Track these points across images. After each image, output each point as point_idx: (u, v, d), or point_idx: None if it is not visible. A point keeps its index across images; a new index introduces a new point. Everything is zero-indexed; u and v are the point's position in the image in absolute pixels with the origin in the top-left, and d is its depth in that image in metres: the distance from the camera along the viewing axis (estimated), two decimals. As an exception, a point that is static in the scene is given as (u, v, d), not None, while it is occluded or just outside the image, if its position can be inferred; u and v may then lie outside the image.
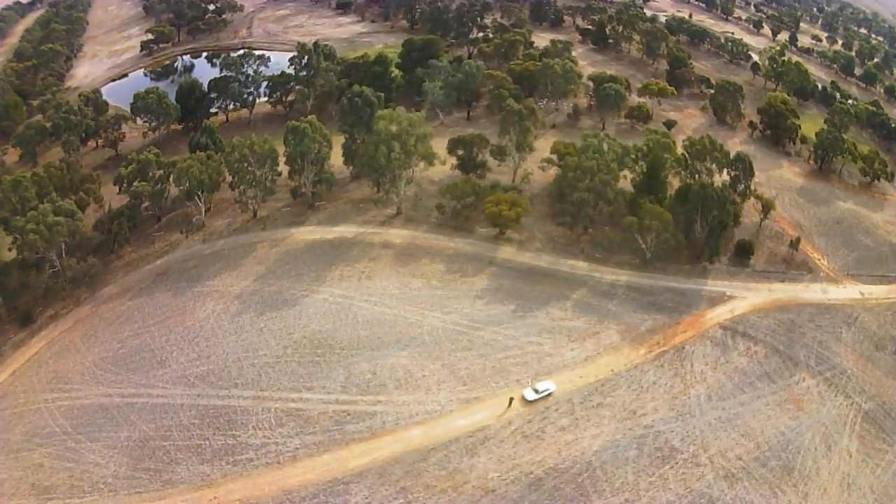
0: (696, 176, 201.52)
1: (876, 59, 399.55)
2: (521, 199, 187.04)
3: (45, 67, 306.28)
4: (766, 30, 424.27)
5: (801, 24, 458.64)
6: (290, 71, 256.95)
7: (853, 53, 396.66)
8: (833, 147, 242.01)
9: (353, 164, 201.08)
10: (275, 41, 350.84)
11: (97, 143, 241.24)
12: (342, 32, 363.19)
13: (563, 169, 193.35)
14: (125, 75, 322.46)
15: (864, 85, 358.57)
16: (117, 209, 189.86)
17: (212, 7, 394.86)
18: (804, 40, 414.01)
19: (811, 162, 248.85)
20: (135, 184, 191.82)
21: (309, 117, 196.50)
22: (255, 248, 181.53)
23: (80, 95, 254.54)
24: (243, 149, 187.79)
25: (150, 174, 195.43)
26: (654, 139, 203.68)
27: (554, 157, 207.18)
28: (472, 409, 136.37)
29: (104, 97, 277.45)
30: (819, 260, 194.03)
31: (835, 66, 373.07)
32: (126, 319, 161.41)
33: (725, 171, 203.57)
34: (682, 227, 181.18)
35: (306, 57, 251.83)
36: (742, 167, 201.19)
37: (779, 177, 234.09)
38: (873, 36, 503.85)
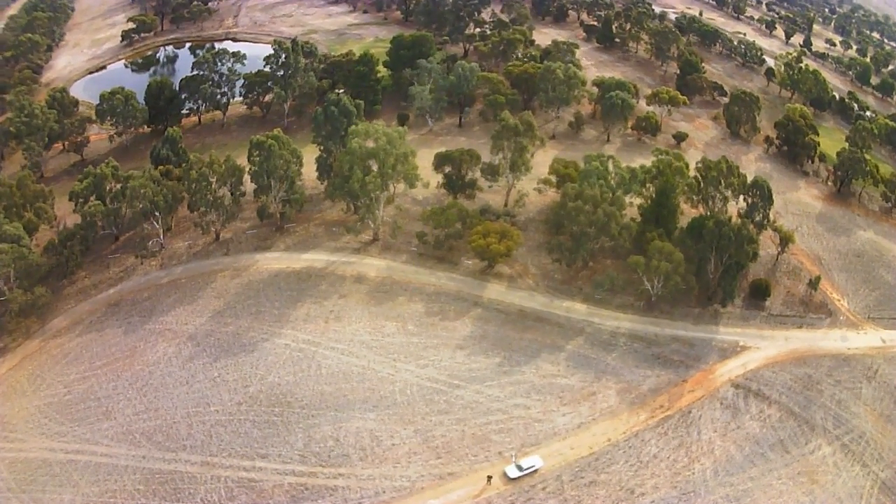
0: (710, 202, 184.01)
1: (891, 67, 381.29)
2: (512, 230, 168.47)
3: (24, 58, 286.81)
4: (779, 31, 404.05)
5: (814, 25, 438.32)
6: (268, 69, 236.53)
7: (868, 60, 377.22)
8: (855, 169, 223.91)
9: (327, 183, 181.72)
10: (261, 32, 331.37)
11: (64, 145, 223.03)
12: (332, 24, 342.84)
13: (561, 196, 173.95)
14: (104, 67, 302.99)
15: (880, 95, 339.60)
16: (69, 231, 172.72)
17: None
18: (818, 44, 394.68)
19: (830, 183, 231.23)
20: (89, 203, 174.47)
21: (275, 131, 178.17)
22: (215, 277, 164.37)
23: (48, 94, 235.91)
24: (202, 167, 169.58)
25: (108, 189, 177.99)
26: (664, 161, 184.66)
27: (552, 178, 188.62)
28: (447, 487, 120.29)
29: (81, 91, 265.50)
30: (838, 301, 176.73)
31: (850, 73, 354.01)
32: (74, 359, 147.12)
33: (742, 197, 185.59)
34: (693, 266, 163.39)
35: (284, 55, 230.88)
36: (761, 194, 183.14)
37: (796, 200, 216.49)
38: (885, 41, 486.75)
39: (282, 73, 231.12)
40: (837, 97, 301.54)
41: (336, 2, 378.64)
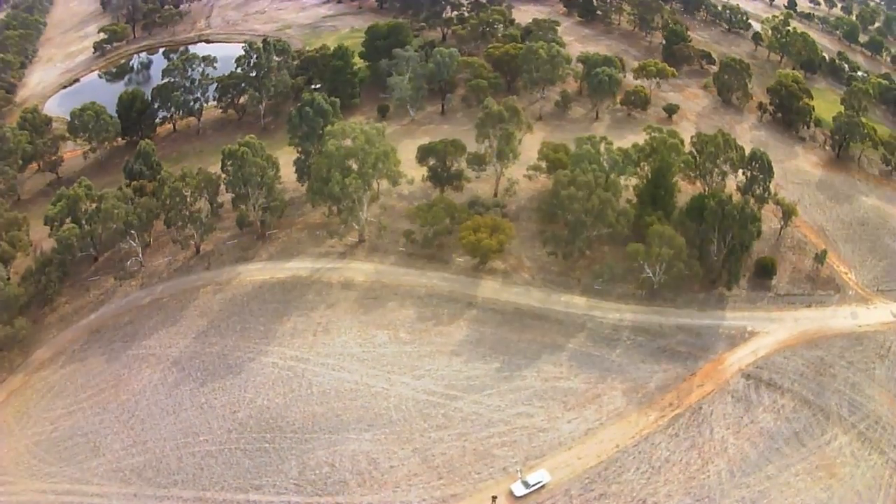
0: (708, 178, 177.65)
1: (877, 24, 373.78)
2: (503, 223, 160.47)
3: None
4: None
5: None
6: (240, 71, 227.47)
7: (854, 18, 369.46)
8: (852, 132, 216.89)
9: (307, 186, 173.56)
10: (234, 31, 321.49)
11: (39, 165, 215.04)
12: (306, 17, 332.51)
13: (553, 183, 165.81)
14: (77, 80, 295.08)
15: (869, 53, 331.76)
16: (47, 257, 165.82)
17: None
18: (802, 4, 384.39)
19: (827, 148, 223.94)
20: (64, 226, 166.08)
21: (247, 138, 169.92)
22: (198, 294, 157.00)
23: (20, 115, 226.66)
24: (175, 181, 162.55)
25: (83, 209, 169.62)
26: (658, 139, 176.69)
27: (542, 163, 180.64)
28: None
29: (56, 106, 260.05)
30: (846, 274, 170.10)
31: (838, 32, 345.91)
32: (58, 392, 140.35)
33: (741, 171, 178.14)
34: (695, 249, 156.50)
35: (255, 55, 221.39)
36: (760, 167, 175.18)
37: (795, 168, 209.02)
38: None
39: (254, 73, 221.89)
40: (827, 58, 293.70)
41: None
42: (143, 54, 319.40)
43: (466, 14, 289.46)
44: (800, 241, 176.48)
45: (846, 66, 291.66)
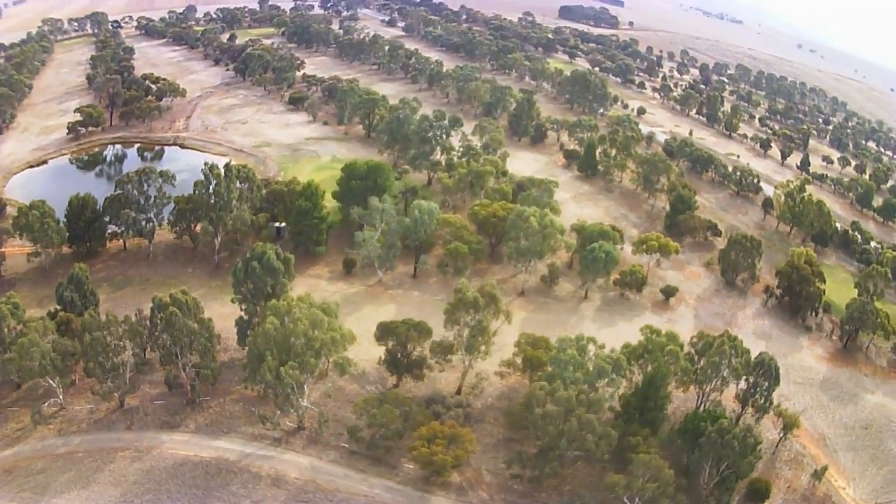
0: (705, 387, 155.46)
1: (891, 182, 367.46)
2: (463, 433, 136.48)
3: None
4: (775, 149, 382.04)
5: (810, 140, 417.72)
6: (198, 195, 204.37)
7: (868, 178, 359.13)
8: (865, 322, 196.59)
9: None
10: (210, 140, 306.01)
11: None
12: (287, 135, 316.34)
13: (527, 396, 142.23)
14: (45, 162, 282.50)
15: (881, 219, 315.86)
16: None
17: (155, 87, 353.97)
18: (815, 162, 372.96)
19: (834, 339, 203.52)
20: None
21: (177, 293, 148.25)
22: (115, 457, 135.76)
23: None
24: (96, 329, 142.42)
25: (6, 330, 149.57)
26: (656, 343, 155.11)
27: (518, 359, 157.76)
28: None
29: (19, 186, 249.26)
30: (843, 490, 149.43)
31: (851, 195, 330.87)
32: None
33: (744, 378, 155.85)
34: (682, 475, 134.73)
35: (214, 182, 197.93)
36: (766, 374, 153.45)
37: (799, 364, 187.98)
38: (882, 150, 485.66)
39: (213, 201, 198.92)
40: (839, 228, 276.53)
41: (296, 109, 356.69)
42: (119, 146, 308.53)
43: (456, 159, 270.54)
44: (798, 455, 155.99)
45: (859, 236, 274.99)
